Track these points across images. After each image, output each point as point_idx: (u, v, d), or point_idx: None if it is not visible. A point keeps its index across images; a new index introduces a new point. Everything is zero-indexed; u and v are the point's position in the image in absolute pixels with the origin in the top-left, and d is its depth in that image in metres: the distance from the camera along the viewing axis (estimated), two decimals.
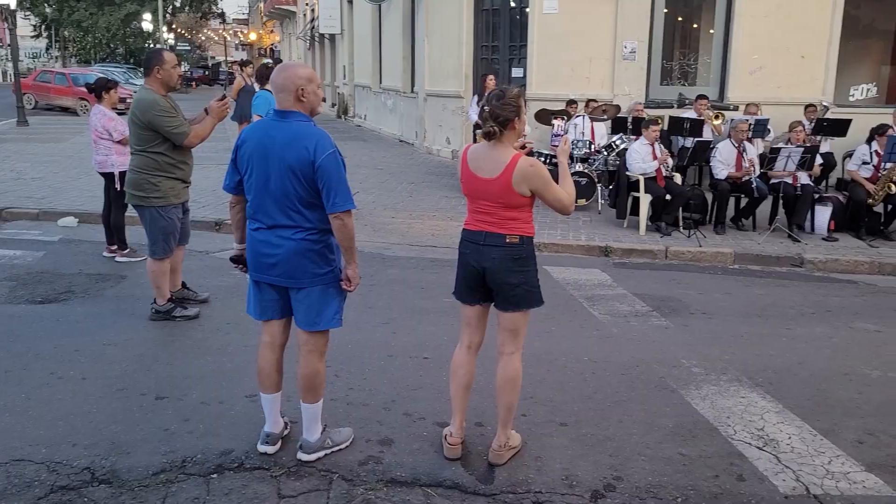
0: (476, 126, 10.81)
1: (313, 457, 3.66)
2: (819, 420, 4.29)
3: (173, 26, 56.62)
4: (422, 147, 15.92)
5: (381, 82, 20.63)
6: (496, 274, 3.52)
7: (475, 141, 10.86)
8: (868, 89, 12.91)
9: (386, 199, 10.76)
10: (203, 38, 77.70)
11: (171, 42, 53.93)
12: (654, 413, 4.34)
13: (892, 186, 8.66)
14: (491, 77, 10.98)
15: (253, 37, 65.99)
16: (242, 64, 11.83)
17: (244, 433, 3.90)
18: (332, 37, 27.73)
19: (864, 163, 9.07)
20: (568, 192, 3.55)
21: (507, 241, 3.50)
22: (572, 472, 3.65)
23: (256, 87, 9.32)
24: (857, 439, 4.08)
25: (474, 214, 3.59)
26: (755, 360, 5.22)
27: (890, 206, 8.91)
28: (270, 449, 3.71)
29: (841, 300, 6.85)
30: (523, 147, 3.59)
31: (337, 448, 3.75)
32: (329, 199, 3.35)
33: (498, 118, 3.41)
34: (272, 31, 57.08)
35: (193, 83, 53.35)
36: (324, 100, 31.30)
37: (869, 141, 9.33)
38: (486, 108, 3.44)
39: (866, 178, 8.96)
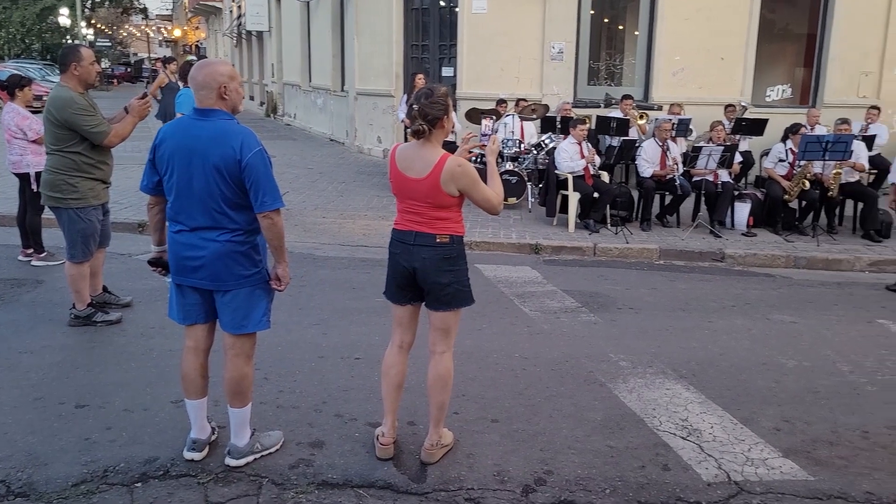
0: (406, 126, 10.80)
1: (242, 462, 3.59)
2: (739, 409, 4.44)
3: (92, 21, 54.71)
4: (353, 146, 15.81)
5: (310, 81, 20.40)
6: (427, 274, 3.52)
7: (405, 140, 10.87)
8: (783, 90, 13.43)
9: (316, 198, 10.65)
10: (125, 34, 75.37)
11: (91, 38, 52.10)
12: (583, 407, 4.42)
13: (806, 183, 9.03)
14: (420, 76, 10.98)
15: (177, 33, 64.31)
16: (165, 61, 11.52)
17: (170, 440, 3.80)
18: (260, 34, 27.28)
19: (780, 161, 9.44)
20: (496, 192, 3.58)
21: (438, 240, 3.51)
22: (504, 468, 3.69)
23: (180, 84, 9.10)
24: (775, 426, 4.24)
25: (403, 214, 3.58)
26: (679, 352, 5.38)
27: (804, 202, 9.29)
28: (197, 455, 3.62)
29: (759, 293, 7.10)
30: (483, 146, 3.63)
31: (266, 452, 3.69)
32: (257, 199, 3.29)
33: (427, 116, 3.42)
34: (197, 28, 55.76)
35: (115, 80, 51.77)
36: (251, 97, 30.73)
37: (784, 140, 9.71)
38: (414, 106, 3.44)
39: (782, 176, 9.33)
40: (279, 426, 3.97)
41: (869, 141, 10.36)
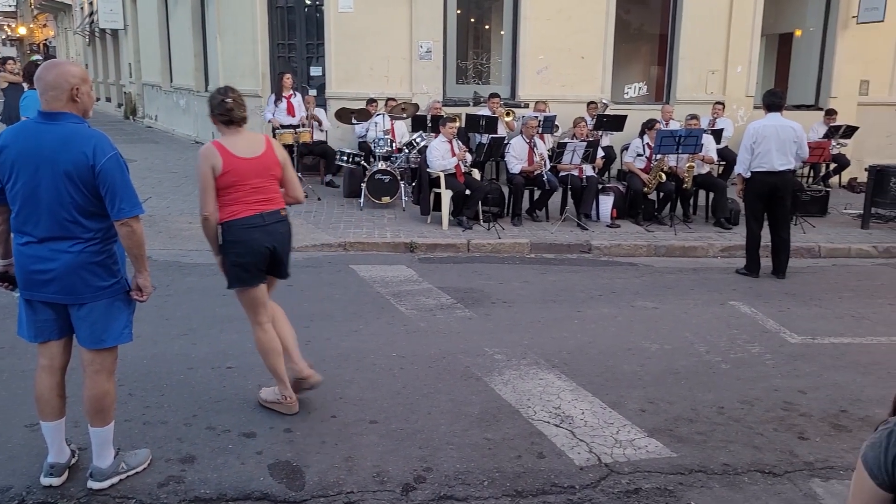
0: (274, 126, 10.57)
1: (105, 484, 3.40)
2: (608, 394, 4.64)
3: None
4: None
5: (171, 81, 19.55)
6: (283, 246, 4.07)
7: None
8: (639, 88, 14.12)
9: (182, 203, 10.22)
10: None
11: None
12: (460, 402, 4.48)
13: (663, 175, 9.55)
14: (288, 75, 10.78)
15: (23, 31, 60.03)
16: (2, 61, 10.72)
17: (24, 467, 3.54)
18: (115, 32, 25.88)
19: (639, 155, 9.93)
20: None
21: (283, 213, 4.04)
22: (383, 469, 3.68)
23: (25, 86, 8.50)
24: (640, 408, 4.46)
25: (244, 199, 3.90)
26: (551, 342, 5.55)
27: (662, 194, 9.82)
28: (56, 481, 3.40)
29: (624, 282, 7.44)
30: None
31: (133, 472, 3.51)
32: (114, 206, 3.13)
33: (242, 105, 3.95)
34: (45, 26, 52.24)
35: None
36: (108, 99, 29.12)
37: (641, 135, 10.21)
38: (228, 99, 3.91)
39: (641, 169, 9.82)
40: (146, 444, 3.79)
41: (717, 134, 11.08)
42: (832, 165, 12.37)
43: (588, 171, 9.76)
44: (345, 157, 10.76)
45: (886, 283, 7.68)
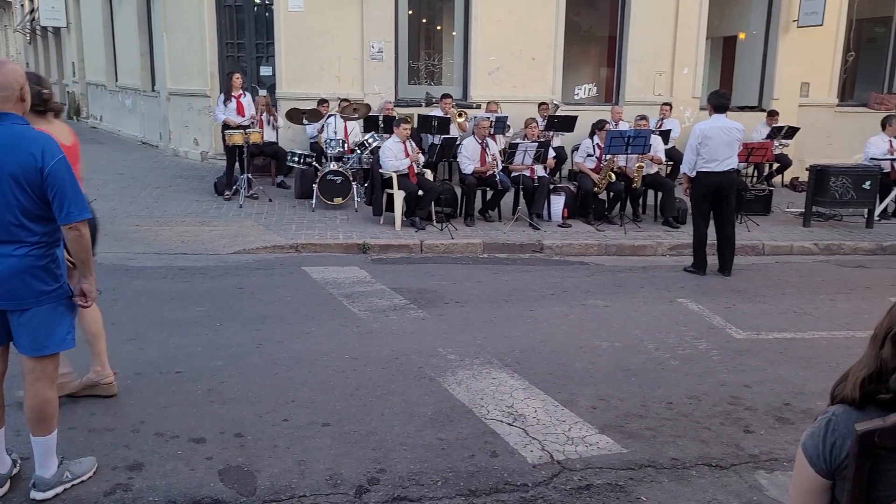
0: (225, 125, 10.42)
1: (49, 494, 3.31)
2: (560, 392, 4.69)
3: None
4: (167, 149, 15.02)
5: (117, 80, 19.11)
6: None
7: (224, 141, 10.48)
8: (590, 89, 14.31)
9: (129, 205, 10.01)
10: None
11: None
12: (414, 403, 4.47)
13: (613, 175, 9.69)
14: (237, 75, 10.63)
15: None
16: None
17: None
18: (57, 30, 25.20)
19: (589, 155, 10.06)
20: None
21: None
22: (336, 471, 3.66)
23: None
24: (592, 405, 4.52)
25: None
26: (504, 342, 5.58)
27: (612, 194, 9.96)
28: None
29: (575, 280, 7.53)
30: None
31: (77, 481, 3.43)
32: (62, 209, 3.06)
33: (52, 95, 3.89)
34: None
35: None
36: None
37: (591, 135, 10.35)
38: (45, 90, 3.80)
39: (591, 169, 9.95)
40: (91, 451, 3.70)
41: (665, 135, 11.29)
42: (775, 165, 12.70)
43: (539, 171, 9.85)
44: (296, 158, 10.67)
45: (827, 280, 7.92)
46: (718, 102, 7.77)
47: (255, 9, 13.34)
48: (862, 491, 1.76)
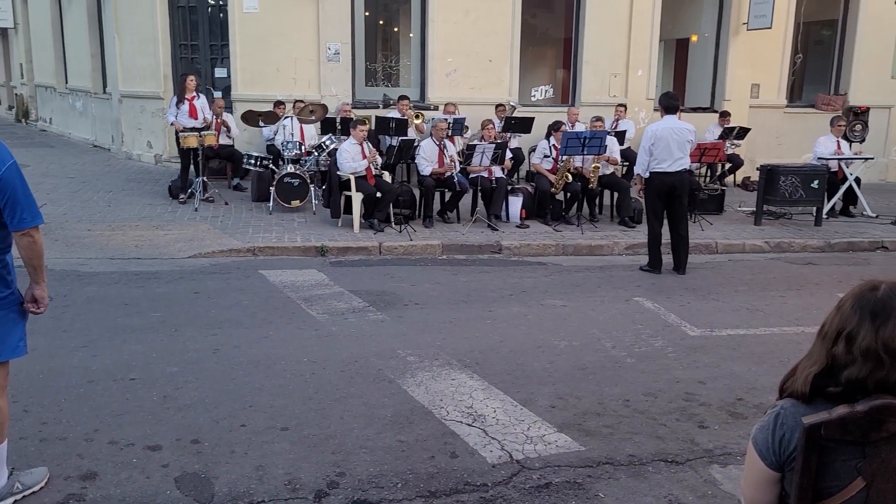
0: (178, 129, 10.26)
1: None
2: (519, 391, 4.72)
3: None
4: (120, 152, 14.72)
5: (67, 82, 18.68)
6: None
7: (178, 144, 10.32)
8: (546, 90, 14.42)
9: (80, 210, 9.79)
10: None
11: None
12: (373, 405, 4.46)
13: (569, 176, 9.78)
14: (191, 77, 10.48)
15: None
16: None
17: None
18: (5, 31, 24.55)
19: (546, 156, 10.15)
20: None
21: None
22: (295, 476, 3.63)
23: None
24: (550, 404, 4.56)
25: None
26: (463, 342, 5.60)
27: (569, 194, 10.06)
28: None
29: (533, 280, 7.59)
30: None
31: (28, 492, 3.35)
32: (15, 216, 3.00)
33: None
34: None
35: None
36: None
37: (548, 136, 10.43)
38: None
39: (548, 170, 10.04)
40: (43, 462, 3.61)
41: (620, 136, 11.44)
42: (727, 165, 12.95)
43: (497, 172, 9.90)
44: (252, 161, 10.56)
45: (778, 277, 8.11)
46: (668, 104, 7.92)
47: (210, 10, 13.18)
48: (809, 482, 1.81)
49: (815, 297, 7.23)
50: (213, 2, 13.10)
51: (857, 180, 11.20)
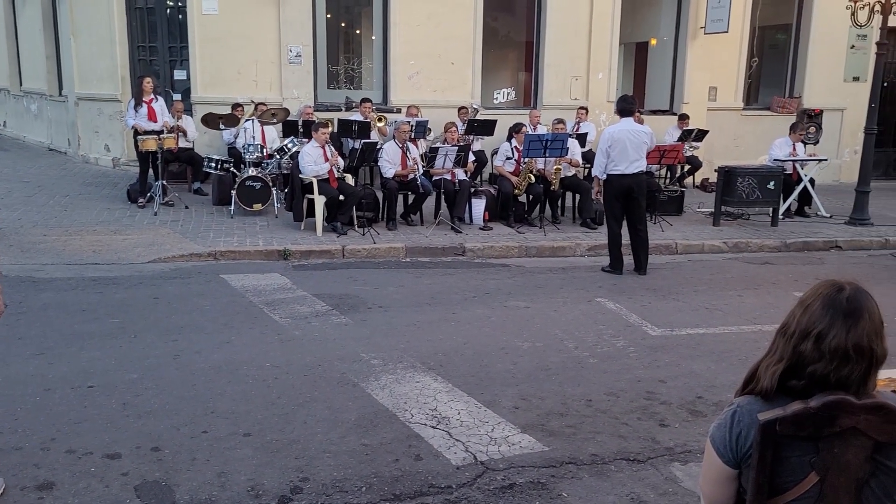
0: (136, 132, 10.09)
1: None
2: (483, 393, 4.74)
3: None
4: (77, 156, 14.44)
5: (21, 84, 18.28)
6: None
7: (136, 147, 10.16)
8: (508, 93, 14.50)
9: (35, 215, 9.58)
10: None
11: None
12: (337, 409, 4.45)
13: (532, 178, 9.85)
14: (148, 79, 10.32)
15: None
16: None
17: None
18: None
19: (508, 158, 10.20)
20: None
21: None
22: (258, 482, 3.60)
23: None
24: (514, 405, 4.58)
25: None
26: (427, 345, 5.61)
27: (531, 196, 10.13)
28: None
29: (497, 282, 7.62)
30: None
31: None
32: None
33: None
34: None
35: None
36: None
37: (509, 138, 10.49)
38: None
39: (510, 172, 10.09)
40: None
41: (581, 138, 11.54)
42: (686, 167, 13.15)
43: (460, 174, 9.93)
44: (213, 164, 10.43)
45: (736, 276, 8.26)
46: (624, 107, 8.03)
47: (168, 11, 13.00)
48: (765, 477, 1.85)
49: (772, 295, 7.38)
50: (171, 3, 12.93)
51: (812, 181, 11.45)
